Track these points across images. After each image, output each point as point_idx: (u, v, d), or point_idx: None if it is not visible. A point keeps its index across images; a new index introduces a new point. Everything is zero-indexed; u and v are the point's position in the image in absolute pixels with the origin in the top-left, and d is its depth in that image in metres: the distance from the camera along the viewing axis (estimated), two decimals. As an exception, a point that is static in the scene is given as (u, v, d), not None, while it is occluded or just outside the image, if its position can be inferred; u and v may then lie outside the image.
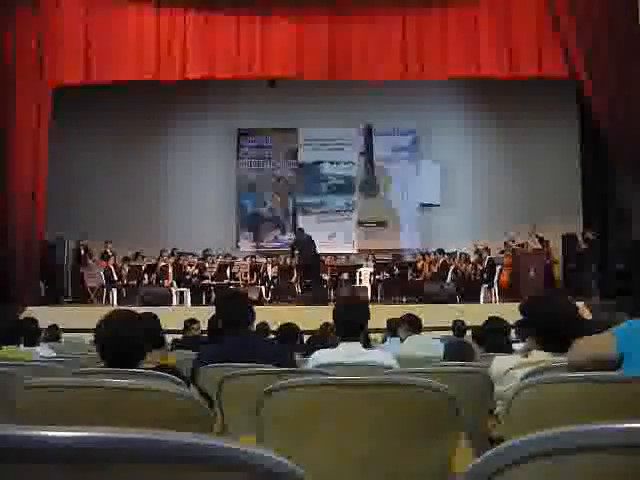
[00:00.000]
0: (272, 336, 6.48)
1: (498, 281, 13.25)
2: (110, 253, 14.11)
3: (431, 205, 16.55)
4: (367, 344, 4.08)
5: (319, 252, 13.34)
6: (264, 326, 6.96)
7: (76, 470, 0.63)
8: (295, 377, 2.11)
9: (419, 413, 1.88)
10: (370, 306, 3.83)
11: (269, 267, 14.68)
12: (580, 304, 8.10)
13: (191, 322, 7.37)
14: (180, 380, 2.63)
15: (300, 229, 13.24)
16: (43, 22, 12.44)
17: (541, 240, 13.78)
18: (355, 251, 16.28)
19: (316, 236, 13.43)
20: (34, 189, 12.48)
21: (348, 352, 3.45)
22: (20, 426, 0.63)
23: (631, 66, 11.69)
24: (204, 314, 6.93)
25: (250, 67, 12.54)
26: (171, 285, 13.37)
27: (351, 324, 3.56)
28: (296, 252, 13.26)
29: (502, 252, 14.07)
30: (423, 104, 16.11)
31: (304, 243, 12.77)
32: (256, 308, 3.82)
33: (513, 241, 14.20)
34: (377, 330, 7.80)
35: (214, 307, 4.06)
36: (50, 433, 0.63)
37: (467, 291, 13.04)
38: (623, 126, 11.81)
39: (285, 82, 14.07)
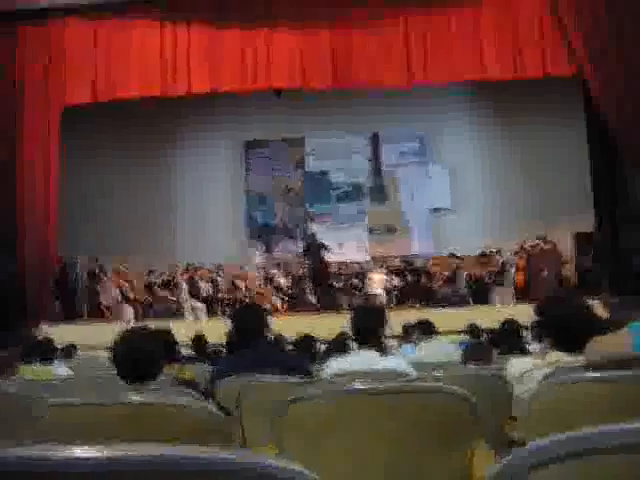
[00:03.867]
0: (289, 347, 6.48)
1: (514, 283, 13.17)
2: (124, 270, 14.16)
3: (441, 209, 16.52)
4: (383, 351, 4.07)
5: (331, 260, 13.30)
6: (280, 337, 6.96)
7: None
8: (314, 387, 2.11)
9: (439, 419, 1.88)
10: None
11: (282, 277, 14.69)
12: (596, 302, 8.05)
13: (198, 339, 7.29)
14: (199, 394, 2.64)
15: (311, 234, 13.13)
16: (50, 42, 12.56)
17: (545, 240, 13.64)
18: (367, 258, 16.25)
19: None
20: (47, 206, 12.55)
21: (364, 360, 3.44)
22: (48, 445, 0.64)
23: (636, 59, 11.65)
24: (219, 328, 6.93)
25: (255, 79, 12.56)
26: (185, 300, 13.39)
27: (368, 331, 3.55)
28: (306, 260, 13.24)
29: (516, 253, 13.98)
30: (430, 108, 16.09)
31: (312, 250, 12.74)
32: (270, 319, 3.83)
33: (525, 242, 14.13)
34: (392, 336, 7.78)
35: (229, 320, 4.06)
36: (79, 453, 0.63)
37: (480, 294, 12.99)
38: (631, 124, 11.75)
39: (291, 92, 14.10)
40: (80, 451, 0.63)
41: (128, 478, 0.64)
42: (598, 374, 2.02)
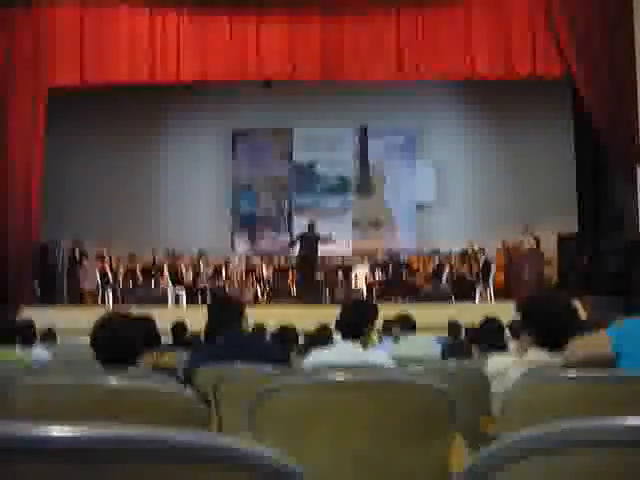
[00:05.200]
0: (269, 337, 6.48)
1: (493, 281, 13.26)
2: (106, 255, 14.07)
3: (426, 205, 16.56)
4: (365, 344, 4.09)
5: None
6: (260, 327, 6.95)
7: (79, 467, 0.63)
8: (292, 377, 2.11)
9: (417, 412, 1.89)
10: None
11: (264, 268, 14.67)
12: (576, 303, 8.11)
13: (178, 326, 7.24)
14: (177, 380, 2.63)
15: (311, 224, 13.05)
16: (38, 23, 12.42)
17: (536, 239, 13.75)
18: (350, 251, 16.26)
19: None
20: (29, 189, 12.45)
21: (345, 352, 3.44)
22: (23, 423, 0.63)
23: (624, 64, 11.76)
24: (200, 315, 6.90)
25: (244, 68, 12.54)
26: (166, 286, 13.34)
27: (355, 325, 3.55)
28: (297, 246, 13.19)
29: (497, 252, 14.09)
30: (418, 104, 16.12)
31: (309, 238, 12.71)
32: (251, 309, 3.82)
33: (507, 241, 14.22)
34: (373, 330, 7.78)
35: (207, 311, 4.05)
36: (55, 432, 0.63)
37: (462, 291, 13.04)
38: (617, 128, 11.86)
39: (280, 82, 14.06)
40: (55, 429, 0.63)
41: (103, 456, 0.64)
42: (573, 374, 2.03)
